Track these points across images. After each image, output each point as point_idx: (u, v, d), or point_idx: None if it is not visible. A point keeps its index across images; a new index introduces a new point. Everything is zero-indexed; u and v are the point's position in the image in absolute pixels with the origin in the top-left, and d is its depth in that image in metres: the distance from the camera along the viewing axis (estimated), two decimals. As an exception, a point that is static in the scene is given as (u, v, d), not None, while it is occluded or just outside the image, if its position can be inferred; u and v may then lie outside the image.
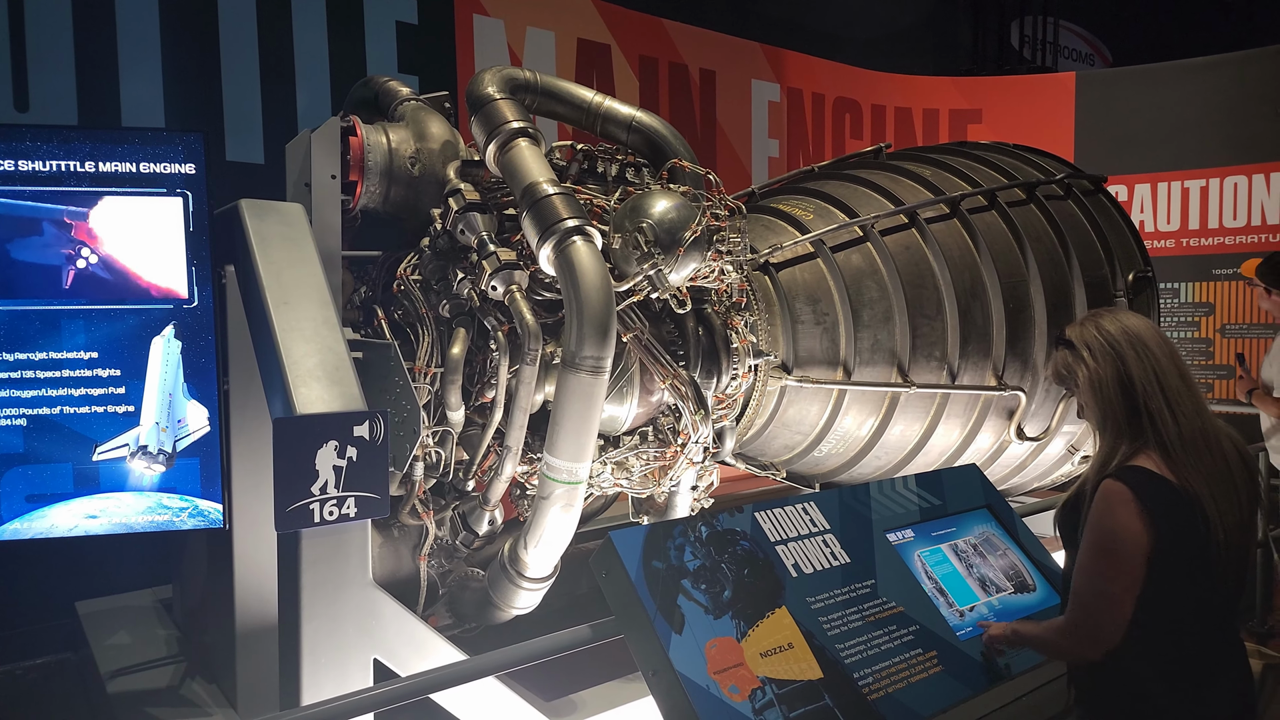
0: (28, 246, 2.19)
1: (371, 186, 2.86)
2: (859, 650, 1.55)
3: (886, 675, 1.52)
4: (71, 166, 2.21)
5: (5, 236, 2.17)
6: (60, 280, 2.24)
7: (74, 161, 2.20)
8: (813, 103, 7.08)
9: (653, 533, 1.56)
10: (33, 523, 2.27)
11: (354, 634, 2.14)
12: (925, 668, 1.56)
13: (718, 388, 3.12)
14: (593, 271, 2.46)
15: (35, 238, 2.20)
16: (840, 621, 1.58)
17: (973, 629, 1.73)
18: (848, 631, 1.57)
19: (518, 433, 2.65)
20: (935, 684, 1.53)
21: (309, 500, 2.02)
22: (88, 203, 2.24)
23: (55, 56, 3.61)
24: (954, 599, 1.78)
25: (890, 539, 1.81)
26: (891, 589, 1.70)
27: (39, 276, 2.21)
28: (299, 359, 2.14)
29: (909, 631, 1.63)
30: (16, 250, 2.17)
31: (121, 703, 2.60)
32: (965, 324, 3.69)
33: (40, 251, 2.21)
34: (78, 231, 2.25)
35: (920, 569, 1.80)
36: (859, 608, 1.63)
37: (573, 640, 1.58)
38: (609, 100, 3.14)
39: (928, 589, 1.75)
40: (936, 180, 4.06)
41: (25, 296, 2.19)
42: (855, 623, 1.59)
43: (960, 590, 1.81)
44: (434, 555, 2.91)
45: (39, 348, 2.22)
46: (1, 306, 2.19)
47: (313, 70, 4.35)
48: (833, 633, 1.55)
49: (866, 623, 1.61)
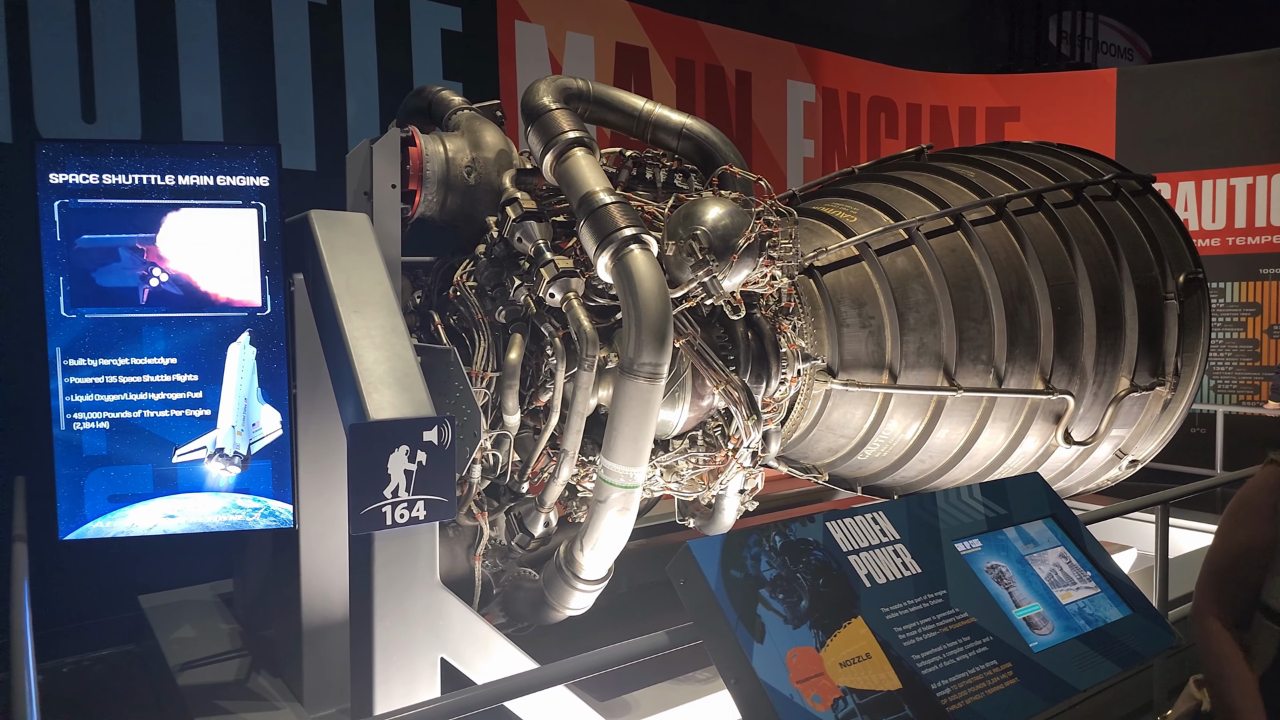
0: (109, 272, 2.30)
1: (429, 195, 2.93)
2: (935, 661, 1.56)
3: (964, 687, 1.54)
4: (151, 180, 2.30)
5: (89, 265, 2.29)
6: (138, 298, 2.33)
7: (154, 175, 2.29)
8: (848, 102, 7.06)
9: (729, 542, 1.59)
10: (114, 521, 2.36)
11: (422, 633, 2.20)
12: (1001, 679, 1.58)
13: (766, 391, 3.15)
14: (650, 279, 2.50)
15: (114, 263, 2.31)
16: (915, 632, 1.60)
17: (1044, 640, 1.74)
18: (923, 642, 1.59)
19: (575, 437, 2.70)
20: (1012, 696, 1.55)
21: (382, 503, 2.08)
22: (158, 225, 2.34)
23: (120, 71, 3.74)
24: (1024, 610, 1.80)
25: (959, 549, 1.82)
26: (963, 599, 1.72)
27: (120, 296, 2.31)
28: (370, 366, 2.21)
29: (983, 643, 1.65)
30: (100, 277, 2.29)
31: (193, 695, 2.69)
32: (1012, 327, 3.67)
33: (119, 275, 2.31)
34: (149, 254, 2.35)
35: (990, 579, 1.81)
36: (932, 618, 1.64)
37: (651, 646, 1.61)
38: (659, 108, 3.18)
39: (999, 599, 1.77)
40: (981, 182, 4.04)
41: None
42: (930, 633, 1.61)
43: (1030, 601, 1.82)
44: (488, 555, 2.97)
45: (121, 354, 2.31)
46: (87, 315, 2.28)
47: (362, 79, 4.44)
48: (908, 643, 1.57)
49: (941, 633, 1.62)
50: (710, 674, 2.87)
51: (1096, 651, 1.78)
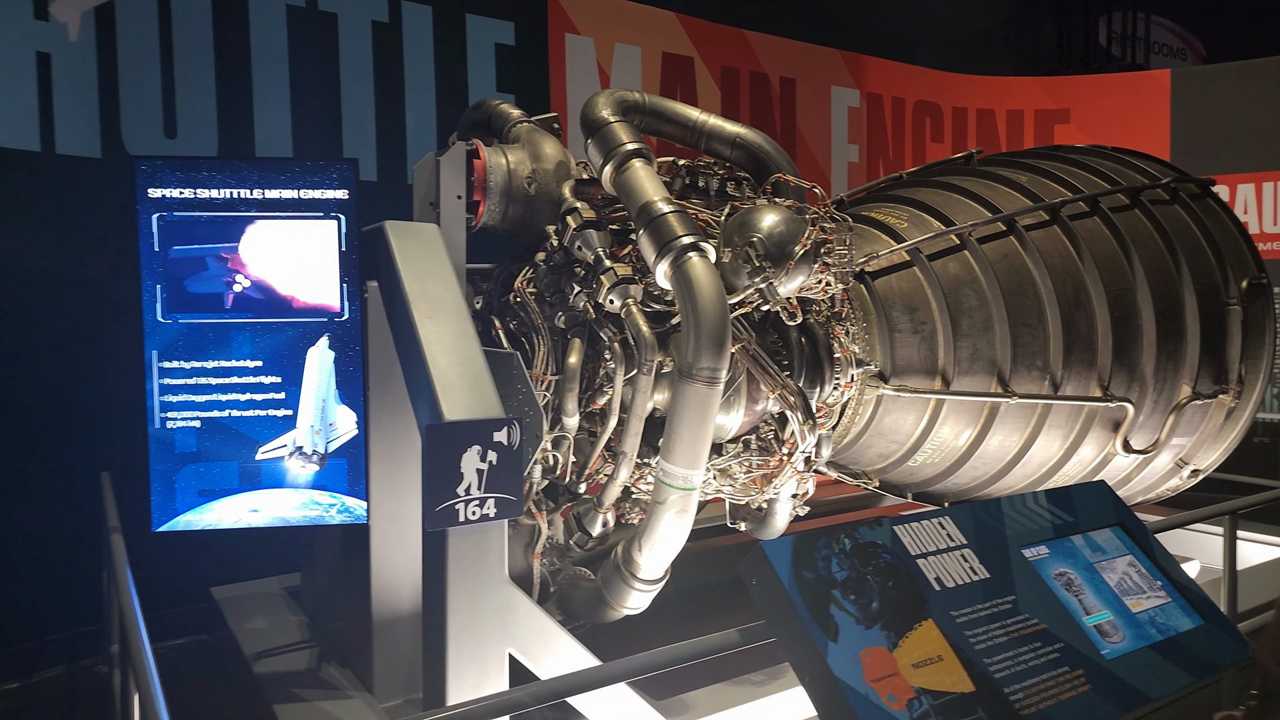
0: (199, 279, 2.45)
1: (492, 206, 3.03)
2: (1007, 666, 1.58)
3: (1037, 692, 1.55)
4: (241, 194, 2.43)
5: (182, 273, 2.45)
6: (224, 304, 2.47)
7: (244, 189, 2.42)
8: (893, 107, 7.04)
9: (800, 543, 1.64)
10: (202, 515, 2.49)
11: (492, 628, 2.28)
12: (1074, 686, 1.59)
13: (820, 397, 3.18)
14: (709, 286, 2.56)
15: (203, 272, 2.45)
16: (985, 636, 1.62)
17: (1115, 648, 1.75)
18: (994, 647, 1.61)
19: (633, 439, 2.76)
20: (1085, 703, 1.56)
21: (455, 501, 2.17)
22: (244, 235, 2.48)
23: (198, 89, 3.94)
24: (1094, 617, 1.81)
25: (1026, 555, 1.84)
26: (1032, 605, 1.73)
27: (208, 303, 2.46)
28: (444, 369, 2.30)
29: (1054, 649, 1.66)
30: (191, 284, 2.45)
31: (269, 682, 2.82)
32: (1068, 333, 3.64)
33: (208, 282, 2.46)
34: (234, 263, 2.49)
35: (1058, 586, 1.83)
36: (1002, 623, 1.66)
37: (723, 643, 1.66)
38: (713, 118, 3.24)
39: (1068, 606, 1.78)
40: (1033, 186, 4.02)
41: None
42: (1000, 638, 1.63)
43: (1099, 608, 1.83)
44: (545, 554, 3.05)
45: (211, 357, 2.45)
46: (180, 320, 2.43)
47: (420, 93, 4.59)
48: (979, 647, 1.59)
49: (1011, 639, 1.64)
50: (766, 677, 2.90)
51: (1169, 661, 1.78)
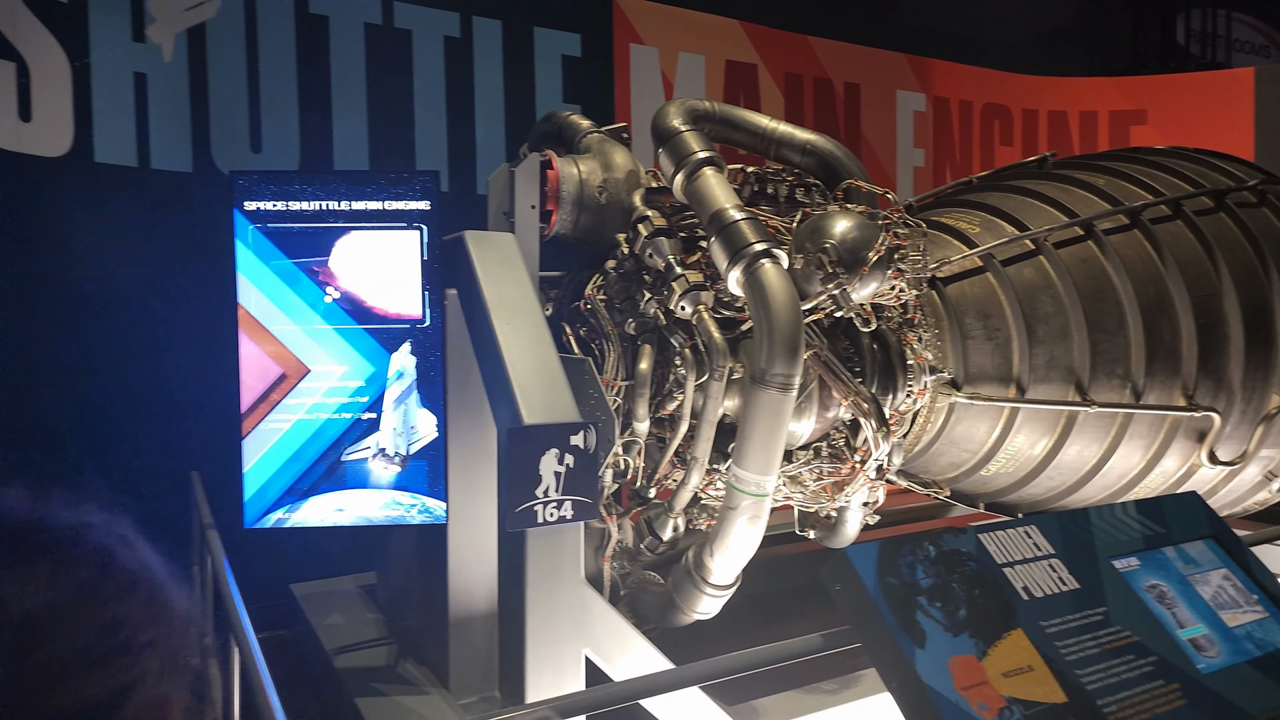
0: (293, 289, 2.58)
1: (565, 215, 3.09)
2: (1099, 678, 1.55)
3: (1130, 705, 1.52)
4: (329, 206, 2.55)
5: (276, 283, 2.57)
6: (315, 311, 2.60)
7: (332, 201, 2.54)
8: (960, 110, 6.92)
9: (884, 549, 1.63)
10: (292, 513, 2.61)
11: (568, 628, 2.33)
12: (1169, 699, 1.55)
13: (892, 404, 3.15)
14: (782, 293, 2.57)
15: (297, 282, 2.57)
16: (1076, 647, 1.59)
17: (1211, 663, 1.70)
18: (1086, 658, 1.58)
19: (705, 445, 2.78)
20: (1180, 717, 1.52)
21: (534, 502, 2.23)
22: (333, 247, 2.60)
23: (281, 105, 4.14)
24: (1189, 631, 1.75)
25: (1116, 566, 1.80)
26: (1124, 617, 1.69)
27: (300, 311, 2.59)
28: (522, 374, 2.36)
29: (1148, 662, 1.62)
30: (285, 293, 2.58)
31: (349, 677, 2.92)
32: (1151, 340, 3.52)
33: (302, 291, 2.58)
34: (324, 274, 2.61)
35: (1150, 598, 1.78)
36: (1093, 634, 1.63)
37: (805, 648, 1.67)
38: (783, 125, 3.25)
39: (1161, 619, 1.73)
40: (1112, 189, 3.90)
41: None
42: (1092, 650, 1.60)
43: (1194, 622, 1.77)
44: (615, 557, 3.08)
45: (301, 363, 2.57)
46: (272, 329, 2.55)
47: (489, 105, 4.72)
48: (1071, 658, 1.56)
49: (1103, 650, 1.61)
50: (838, 685, 2.88)
51: (1268, 677, 1.71)
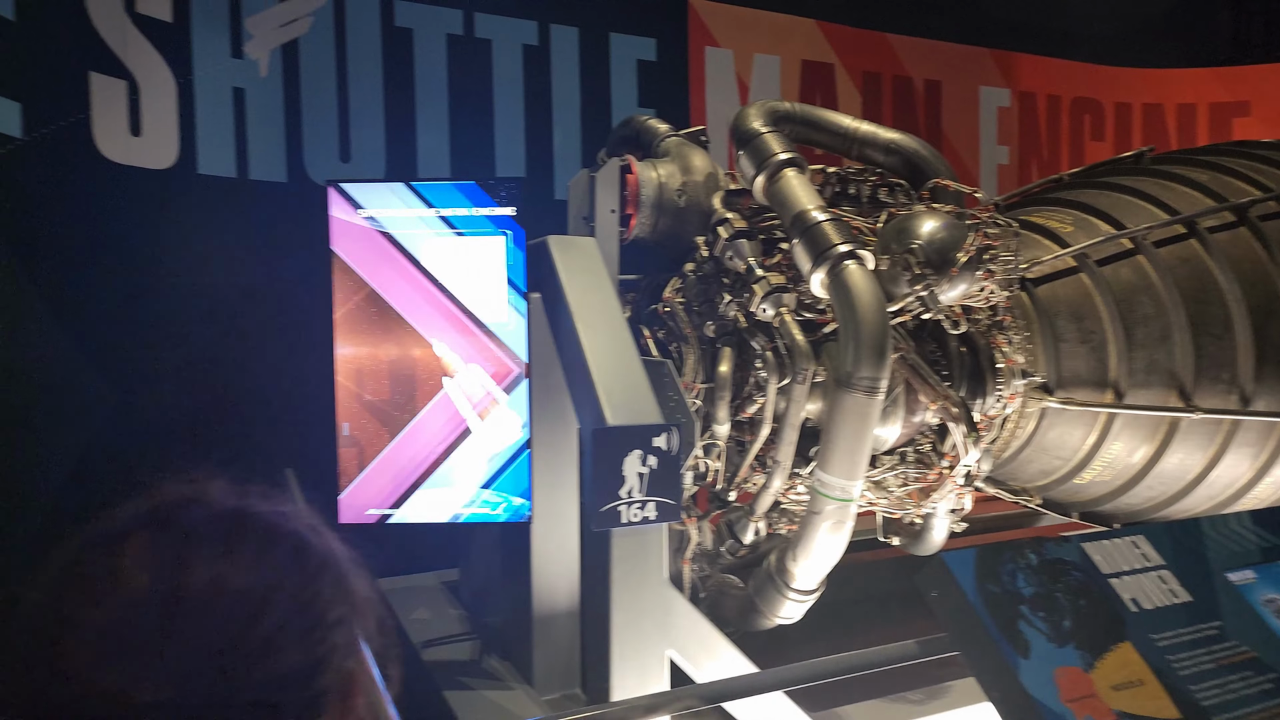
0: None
1: (644, 219, 3.12)
2: (1214, 694, 1.47)
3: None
4: (419, 213, 2.63)
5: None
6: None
7: (422, 208, 2.63)
8: (1048, 105, 6.65)
9: (982, 556, 1.59)
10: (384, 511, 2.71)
11: (652, 629, 2.34)
12: (1291, 718, 1.46)
13: (980, 409, 3.05)
14: (868, 294, 2.52)
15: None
16: (1190, 662, 1.51)
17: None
18: (1200, 674, 1.50)
19: (788, 448, 2.76)
20: (1305, 737, 1.43)
21: (618, 503, 2.25)
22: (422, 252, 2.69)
23: (369, 116, 4.32)
24: (1316, 648, 1.64)
25: (1231, 579, 1.70)
26: (1241, 632, 1.60)
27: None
28: (606, 376, 2.39)
29: (1266, 679, 1.53)
30: None
31: (437, 670, 3.01)
32: (1260, 343, 3.31)
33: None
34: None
35: (1269, 613, 1.67)
36: (1208, 649, 1.54)
37: (899, 654, 1.64)
38: (866, 125, 3.19)
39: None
40: (1216, 185, 3.69)
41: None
42: (1206, 665, 1.52)
43: (1321, 639, 1.66)
44: (695, 560, 3.08)
45: (394, 364, 2.67)
46: (369, 330, 2.66)
47: (566, 111, 4.81)
48: (1184, 673, 1.49)
49: (1219, 666, 1.52)
50: (924, 695, 2.80)
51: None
